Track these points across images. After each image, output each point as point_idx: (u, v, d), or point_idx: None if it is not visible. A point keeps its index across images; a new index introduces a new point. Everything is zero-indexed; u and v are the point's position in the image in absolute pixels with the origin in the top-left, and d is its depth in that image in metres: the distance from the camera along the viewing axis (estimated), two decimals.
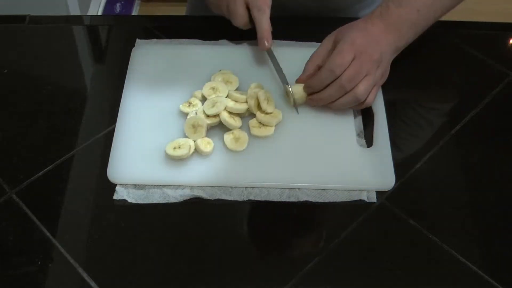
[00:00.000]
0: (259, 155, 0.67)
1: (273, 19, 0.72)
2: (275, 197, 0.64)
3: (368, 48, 0.65)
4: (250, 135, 0.68)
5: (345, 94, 0.66)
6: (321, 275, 0.59)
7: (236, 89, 0.73)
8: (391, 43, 0.68)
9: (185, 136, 0.67)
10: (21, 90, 0.76)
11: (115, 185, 0.65)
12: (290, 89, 0.70)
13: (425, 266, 0.60)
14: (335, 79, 0.65)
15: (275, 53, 0.74)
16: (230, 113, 0.69)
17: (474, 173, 0.68)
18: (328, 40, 0.69)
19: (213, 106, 0.68)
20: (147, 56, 0.78)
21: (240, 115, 0.70)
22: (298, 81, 0.70)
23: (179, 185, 0.65)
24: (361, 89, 0.66)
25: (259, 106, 0.69)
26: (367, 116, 0.72)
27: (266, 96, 0.69)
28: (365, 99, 0.67)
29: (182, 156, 0.65)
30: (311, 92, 0.69)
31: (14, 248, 0.61)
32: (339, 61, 0.65)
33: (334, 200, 0.64)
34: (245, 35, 0.80)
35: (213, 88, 0.71)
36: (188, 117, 0.69)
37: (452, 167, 0.68)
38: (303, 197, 0.64)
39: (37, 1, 1.47)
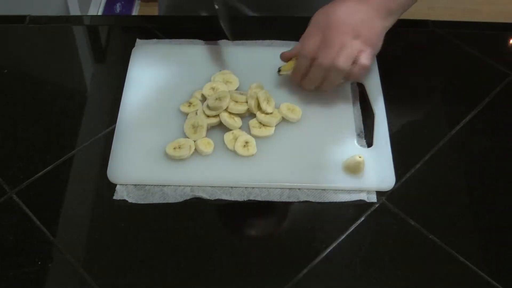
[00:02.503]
0: (259, 155, 0.67)
1: (271, 18, 0.72)
2: (275, 197, 0.64)
3: (335, 22, 0.65)
4: (250, 135, 0.68)
5: (328, 72, 0.67)
6: (321, 275, 0.59)
7: (236, 89, 0.73)
8: (374, 9, 0.66)
9: (185, 136, 0.67)
10: (21, 90, 0.76)
11: (115, 185, 0.65)
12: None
13: (425, 266, 0.60)
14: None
15: (278, 55, 0.74)
16: (230, 113, 0.69)
17: (474, 173, 0.68)
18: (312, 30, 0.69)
19: (216, 99, 0.68)
20: (147, 56, 0.78)
21: (240, 115, 0.70)
22: (283, 55, 0.72)
23: (179, 185, 0.65)
24: (340, 61, 0.65)
25: (259, 106, 0.69)
26: (367, 116, 0.72)
27: (266, 96, 0.69)
28: (352, 71, 0.67)
29: (182, 156, 0.65)
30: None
31: (14, 248, 0.61)
32: (305, 46, 0.66)
33: (334, 200, 0.64)
34: (245, 35, 0.81)
35: (213, 88, 0.72)
36: (188, 117, 0.69)
37: (452, 167, 0.68)
38: (303, 197, 0.64)
39: (37, 1, 1.47)
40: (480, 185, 0.67)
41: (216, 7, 0.74)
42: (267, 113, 0.69)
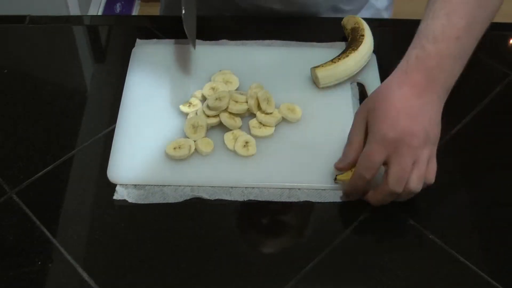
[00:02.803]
0: (259, 155, 0.67)
1: (273, 20, 0.72)
2: (275, 197, 0.64)
3: (405, 136, 0.56)
4: (250, 135, 0.68)
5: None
6: (321, 275, 0.59)
7: (236, 89, 0.73)
8: (435, 99, 0.58)
9: (185, 136, 0.67)
10: (21, 90, 0.76)
11: (115, 185, 0.65)
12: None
13: (425, 266, 0.60)
14: (384, 185, 0.58)
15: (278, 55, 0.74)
16: (230, 113, 0.69)
17: (474, 173, 0.68)
18: (360, 119, 0.60)
19: (216, 99, 0.68)
20: (147, 56, 0.78)
21: (240, 115, 0.70)
22: (338, 167, 0.63)
23: (179, 185, 0.65)
24: (413, 184, 0.57)
25: (259, 106, 0.69)
26: None
27: (266, 96, 0.69)
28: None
29: (182, 156, 0.65)
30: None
31: (14, 248, 0.61)
32: (367, 164, 0.57)
33: (334, 200, 0.64)
34: (245, 35, 0.81)
35: (213, 88, 0.72)
36: (188, 117, 0.69)
37: (452, 167, 0.68)
38: (303, 197, 0.64)
39: (37, 1, 1.47)
40: (480, 185, 0.67)
41: (183, 11, 0.71)
42: (267, 113, 0.69)
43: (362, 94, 0.74)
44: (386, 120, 0.57)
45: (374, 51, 0.77)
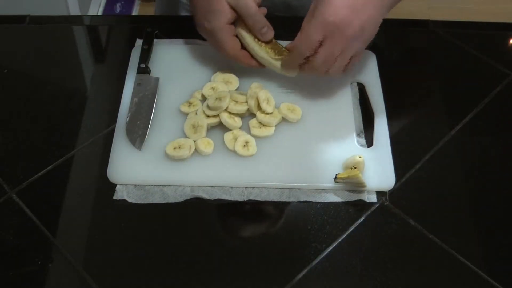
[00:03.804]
0: (259, 155, 0.67)
1: (276, 19, 0.72)
2: (275, 197, 0.64)
3: (342, 24, 0.62)
4: (250, 135, 0.68)
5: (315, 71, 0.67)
6: (321, 275, 0.59)
7: (236, 89, 0.73)
8: (379, 2, 0.64)
9: (185, 136, 0.67)
10: (21, 90, 0.76)
11: (115, 185, 0.65)
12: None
13: (425, 266, 0.60)
14: (311, 58, 0.65)
15: None
16: (230, 113, 0.69)
17: (474, 173, 0.68)
18: (312, 8, 0.65)
19: (216, 99, 0.68)
20: None
21: (240, 115, 0.70)
22: (288, 47, 0.69)
23: (179, 185, 0.65)
24: (335, 69, 0.66)
25: (259, 106, 0.69)
26: (367, 116, 0.72)
27: (266, 96, 0.69)
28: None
29: (182, 156, 0.65)
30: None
31: (14, 248, 0.61)
32: (305, 42, 0.64)
33: (334, 200, 0.64)
34: None
35: (213, 88, 0.72)
36: (188, 117, 0.69)
37: (452, 167, 0.68)
38: (303, 197, 0.64)
39: (37, 1, 1.47)
40: (480, 185, 0.67)
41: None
42: (267, 113, 0.69)
43: (362, 94, 0.74)
44: (330, 6, 0.62)
45: (374, 51, 0.77)
